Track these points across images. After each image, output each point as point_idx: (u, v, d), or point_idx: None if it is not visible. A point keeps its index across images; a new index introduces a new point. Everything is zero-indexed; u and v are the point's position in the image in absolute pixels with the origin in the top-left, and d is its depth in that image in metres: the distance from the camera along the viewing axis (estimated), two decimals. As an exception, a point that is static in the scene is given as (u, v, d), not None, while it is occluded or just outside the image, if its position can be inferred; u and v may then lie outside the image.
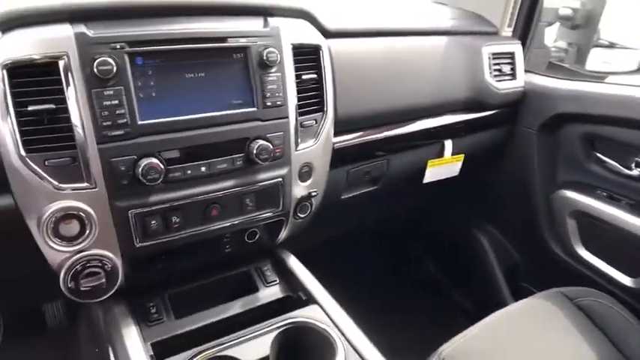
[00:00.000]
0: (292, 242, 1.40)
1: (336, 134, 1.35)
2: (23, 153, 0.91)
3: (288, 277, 1.36)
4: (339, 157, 1.39)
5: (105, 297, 1.14)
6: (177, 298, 1.27)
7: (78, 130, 0.95)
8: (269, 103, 1.13)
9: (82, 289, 1.08)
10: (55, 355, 1.98)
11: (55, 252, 0.99)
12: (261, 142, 1.12)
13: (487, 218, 2.29)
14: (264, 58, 1.10)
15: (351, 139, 1.43)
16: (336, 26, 1.35)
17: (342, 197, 1.55)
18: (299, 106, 1.20)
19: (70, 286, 1.07)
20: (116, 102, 0.96)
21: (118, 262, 1.07)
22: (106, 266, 1.06)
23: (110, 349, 1.20)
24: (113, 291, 1.15)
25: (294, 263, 1.44)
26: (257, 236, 1.31)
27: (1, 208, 0.97)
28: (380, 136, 1.50)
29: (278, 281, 1.41)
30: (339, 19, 1.37)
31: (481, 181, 2.07)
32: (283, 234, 1.36)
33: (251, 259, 1.40)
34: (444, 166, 1.83)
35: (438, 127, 1.64)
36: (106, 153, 0.96)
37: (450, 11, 1.83)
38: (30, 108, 0.91)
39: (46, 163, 0.93)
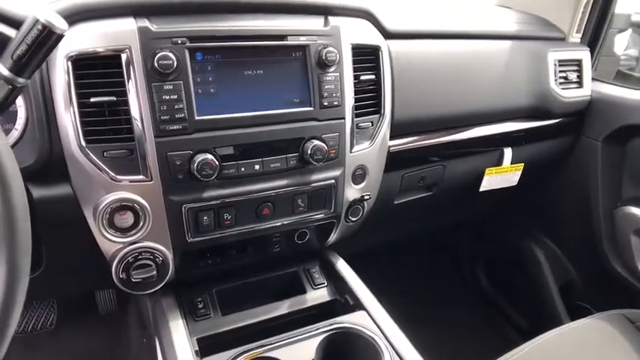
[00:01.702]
0: (341, 245, 1.37)
1: (391, 137, 1.31)
2: (83, 143, 0.93)
3: (336, 281, 1.33)
4: (394, 161, 1.35)
5: (155, 289, 1.15)
6: (224, 295, 1.27)
7: (137, 123, 0.95)
8: (326, 103, 1.11)
9: (133, 280, 1.08)
10: (105, 340, 2.02)
11: (109, 242, 1.00)
12: (316, 142, 1.10)
13: (543, 230, 2.18)
14: (323, 57, 1.08)
15: (407, 143, 1.39)
16: (397, 27, 1.32)
17: (395, 202, 1.50)
18: (356, 107, 1.17)
19: (121, 276, 1.04)
20: (175, 97, 0.95)
21: (169, 255, 1.07)
22: (157, 259, 1.06)
23: (157, 341, 1.21)
24: (163, 284, 1.15)
25: (342, 267, 1.41)
26: (307, 237, 1.29)
27: (60, 197, 0.98)
28: (437, 141, 1.46)
29: (326, 284, 1.38)
30: (399, 20, 1.34)
31: (539, 191, 1.98)
32: (333, 237, 1.33)
33: (299, 260, 1.38)
34: (502, 175, 1.75)
35: (497, 134, 1.59)
36: (162, 147, 0.96)
37: (515, 15, 1.76)
38: (92, 100, 0.92)
39: (105, 154, 0.94)
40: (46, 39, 0.77)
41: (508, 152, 1.73)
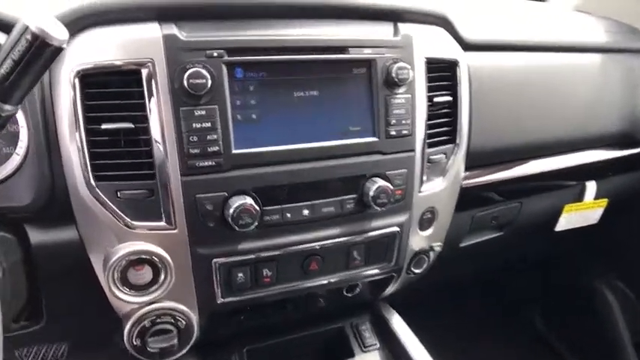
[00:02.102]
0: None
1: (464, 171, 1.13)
2: (92, 180, 0.79)
3: (390, 342, 1.19)
4: (465, 198, 1.17)
5: (175, 357, 0.97)
6: (257, 355, 1.15)
7: (159, 156, 0.80)
8: (393, 133, 0.94)
9: (148, 349, 0.90)
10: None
11: (121, 302, 0.85)
12: (379, 181, 0.93)
13: (617, 272, 1.93)
14: (393, 75, 0.90)
15: (480, 176, 1.20)
16: (476, 37, 1.13)
17: (461, 245, 1.33)
18: (427, 136, 1.01)
19: (135, 343, 0.90)
20: (208, 125, 0.80)
21: (194, 318, 0.93)
22: (179, 322, 0.91)
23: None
24: (184, 352, 0.97)
25: (398, 324, 1.21)
26: (357, 290, 1.14)
27: (64, 243, 0.85)
28: (515, 174, 1.26)
29: (378, 346, 1.19)
30: (478, 28, 1.15)
31: (617, 228, 1.74)
32: (390, 290, 1.18)
33: (346, 313, 1.24)
34: (582, 212, 1.51)
35: (581, 165, 1.36)
36: (190, 187, 0.81)
37: (600, 22, 1.50)
38: (104, 126, 0.77)
39: (119, 194, 0.80)
40: (39, 53, 0.57)
41: (591, 186, 1.48)
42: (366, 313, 1.25)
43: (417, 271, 1.12)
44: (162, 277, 0.85)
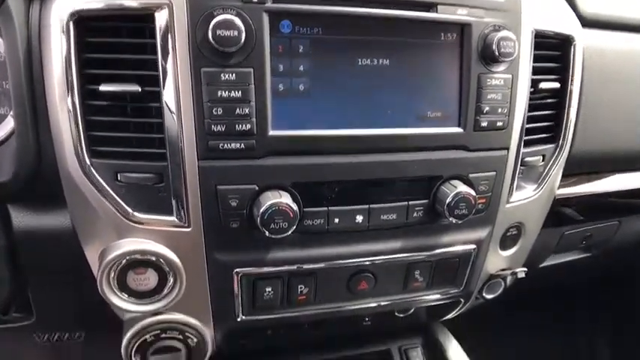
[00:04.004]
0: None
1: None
2: (86, 156, 0.64)
3: None
4: (556, 213, 0.98)
5: None
6: None
7: (172, 131, 0.64)
8: (484, 124, 0.74)
9: None
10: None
11: (119, 310, 0.71)
12: (460, 186, 0.74)
13: None
14: (493, 47, 0.70)
15: (581, 188, 1.01)
16: (596, 11, 0.91)
17: (541, 266, 1.14)
18: (525, 132, 0.80)
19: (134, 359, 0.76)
20: (238, 94, 0.63)
21: (209, 335, 0.78)
22: (189, 340, 0.77)
23: None
24: None
25: (455, 353, 1.04)
26: (412, 310, 0.96)
27: (53, 230, 0.73)
28: (622, 187, 1.06)
29: None
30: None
31: None
32: (451, 315, 1.00)
33: (394, 334, 1.07)
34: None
35: None
36: (210, 175, 0.66)
37: None
38: (103, 88, 0.62)
39: (119, 177, 0.66)
40: None
41: None
42: (417, 335, 1.09)
43: (489, 297, 0.94)
44: (170, 284, 0.70)
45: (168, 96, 0.62)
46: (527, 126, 0.81)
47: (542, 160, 0.86)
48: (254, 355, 0.98)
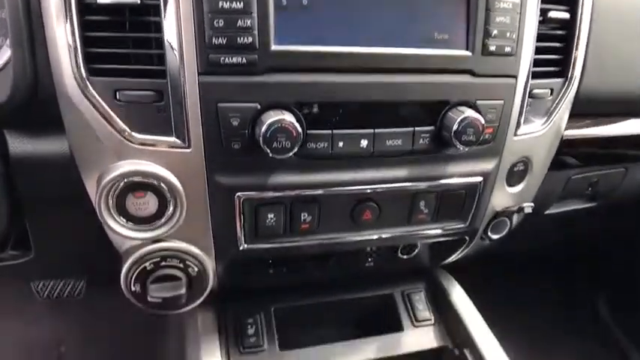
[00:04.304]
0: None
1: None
2: (85, 74, 0.62)
3: (448, 318, 1.01)
4: (564, 154, 0.95)
5: (183, 310, 0.80)
6: (286, 317, 0.98)
7: (171, 46, 0.61)
8: (492, 48, 0.71)
9: (149, 298, 0.73)
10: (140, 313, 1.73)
11: (118, 236, 0.70)
12: (467, 111, 0.71)
13: None
14: None
15: (589, 130, 0.98)
16: None
17: (546, 213, 1.12)
18: (534, 63, 0.78)
19: (133, 289, 0.74)
20: (239, 5, 0.60)
21: (210, 264, 0.77)
22: (189, 269, 0.75)
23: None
24: (197, 304, 0.80)
25: (458, 297, 1.03)
26: (415, 252, 0.95)
27: (50, 156, 0.71)
28: (631, 131, 1.02)
29: (432, 321, 1.02)
30: None
31: None
32: (455, 257, 0.99)
33: (397, 278, 1.06)
34: None
35: None
36: (211, 91, 0.63)
37: None
38: (101, 0, 0.60)
39: (118, 95, 0.64)
40: None
41: None
42: (420, 280, 1.08)
43: (494, 236, 0.92)
44: (171, 209, 0.69)
45: (168, 7, 0.59)
46: (536, 57, 0.78)
47: (551, 95, 0.83)
48: (255, 296, 0.98)
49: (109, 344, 1.66)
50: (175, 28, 0.60)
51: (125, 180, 0.65)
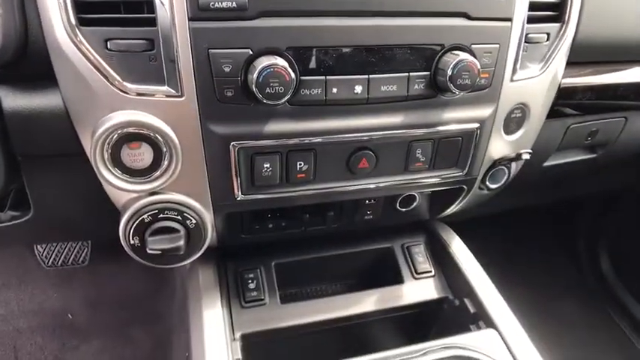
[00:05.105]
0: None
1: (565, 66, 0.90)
2: (75, 24, 0.61)
3: (448, 269, 1.02)
4: (560, 103, 0.94)
5: (183, 264, 0.81)
6: (286, 272, 0.99)
7: None
8: None
9: (148, 250, 0.73)
10: (145, 281, 1.76)
11: (115, 190, 0.69)
12: (462, 55, 0.70)
13: None
14: None
15: (586, 78, 0.96)
16: None
17: (544, 165, 1.11)
18: (530, 6, 0.76)
19: (132, 242, 0.74)
20: None
21: (208, 216, 0.76)
22: (187, 221, 0.75)
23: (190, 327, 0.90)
24: (196, 257, 0.80)
25: (459, 249, 1.04)
26: (414, 204, 0.95)
27: (44, 110, 0.69)
28: (630, 79, 1.01)
29: (433, 273, 1.03)
30: None
31: None
32: (453, 208, 0.98)
33: (396, 231, 1.07)
34: None
35: None
36: (202, 37, 0.62)
37: None
38: None
39: (109, 45, 0.63)
40: None
41: None
42: (419, 232, 1.08)
43: (492, 186, 0.92)
44: (166, 161, 0.69)
45: None
46: (532, 0, 0.75)
47: (547, 40, 0.82)
48: (256, 252, 0.98)
49: (115, 310, 1.69)
50: None
51: (119, 131, 0.64)
